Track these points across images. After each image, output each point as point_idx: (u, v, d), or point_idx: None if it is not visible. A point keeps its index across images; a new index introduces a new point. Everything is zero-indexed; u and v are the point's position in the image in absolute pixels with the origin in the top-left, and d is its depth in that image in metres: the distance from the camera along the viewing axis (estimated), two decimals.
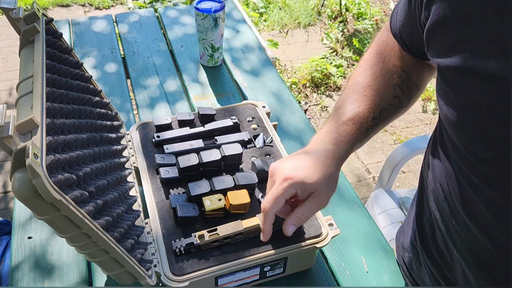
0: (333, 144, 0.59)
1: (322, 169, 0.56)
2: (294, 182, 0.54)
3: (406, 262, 0.76)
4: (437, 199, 0.58)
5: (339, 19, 3.11)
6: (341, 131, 0.60)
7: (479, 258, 0.52)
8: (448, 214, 0.55)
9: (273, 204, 0.55)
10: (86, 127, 0.67)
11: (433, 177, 0.59)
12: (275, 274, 0.72)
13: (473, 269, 0.54)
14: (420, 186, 0.69)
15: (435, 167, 0.58)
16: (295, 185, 0.54)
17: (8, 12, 0.58)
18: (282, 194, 0.55)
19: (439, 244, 0.62)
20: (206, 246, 0.66)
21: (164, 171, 0.75)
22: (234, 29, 1.41)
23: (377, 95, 0.63)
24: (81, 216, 0.48)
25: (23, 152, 0.42)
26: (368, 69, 0.65)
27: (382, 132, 2.25)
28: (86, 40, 1.32)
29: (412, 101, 0.66)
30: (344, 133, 0.60)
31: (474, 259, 0.53)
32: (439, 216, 0.59)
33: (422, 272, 0.71)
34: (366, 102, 0.62)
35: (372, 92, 0.63)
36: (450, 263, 0.60)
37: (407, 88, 0.64)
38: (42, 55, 0.56)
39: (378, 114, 0.63)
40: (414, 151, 1.29)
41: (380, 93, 0.63)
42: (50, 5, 3.18)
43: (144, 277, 0.60)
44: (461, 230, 0.53)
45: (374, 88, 0.63)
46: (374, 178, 2.01)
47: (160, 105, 1.11)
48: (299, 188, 0.55)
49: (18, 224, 0.82)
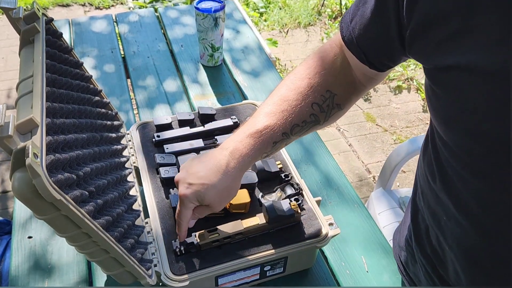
0: (236, 157, 0.61)
1: (218, 184, 0.60)
2: (190, 199, 0.61)
3: (403, 261, 0.76)
4: None
5: (339, 19, 3.11)
6: (246, 144, 0.61)
7: (468, 251, 0.54)
8: (440, 210, 0.56)
9: (183, 218, 0.63)
10: (86, 127, 0.67)
11: None
12: (275, 274, 0.72)
13: (463, 263, 0.55)
14: (414, 185, 0.70)
15: None
16: (191, 200, 0.61)
17: (8, 12, 0.58)
18: (185, 209, 0.62)
19: (432, 241, 0.62)
20: (206, 245, 0.66)
21: (164, 170, 0.75)
22: (234, 29, 1.41)
23: (293, 111, 0.62)
24: (81, 216, 0.48)
25: (23, 152, 0.42)
26: (293, 82, 0.65)
27: (382, 132, 2.25)
28: (86, 40, 1.32)
29: (331, 120, 0.66)
30: (249, 146, 0.61)
31: (464, 252, 0.54)
32: (432, 213, 0.59)
33: (417, 270, 0.71)
34: (279, 116, 0.62)
35: (288, 107, 0.62)
36: (442, 260, 0.61)
37: (327, 107, 0.64)
38: (42, 55, 0.56)
39: (289, 129, 0.63)
40: (414, 151, 1.29)
41: (296, 109, 0.62)
42: (50, 5, 3.18)
43: (144, 276, 0.60)
44: (451, 225, 0.54)
45: (291, 103, 0.63)
46: (374, 178, 2.01)
47: (160, 105, 1.11)
48: (196, 202, 0.62)
49: (18, 224, 0.82)
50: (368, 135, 2.24)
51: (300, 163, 0.97)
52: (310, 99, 0.63)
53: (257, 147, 0.61)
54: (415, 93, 2.51)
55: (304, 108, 0.63)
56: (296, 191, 0.73)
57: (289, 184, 0.75)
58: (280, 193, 0.74)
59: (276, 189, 0.75)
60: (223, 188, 0.61)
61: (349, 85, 0.64)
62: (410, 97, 2.48)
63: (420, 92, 2.49)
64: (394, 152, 1.34)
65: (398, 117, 2.34)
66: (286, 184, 0.75)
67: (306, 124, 0.64)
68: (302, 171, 0.95)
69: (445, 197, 0.53)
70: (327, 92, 0.63)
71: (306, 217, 0.71)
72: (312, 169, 0.96)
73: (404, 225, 0.76)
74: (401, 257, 0.77)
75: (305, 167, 0.96)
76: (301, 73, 0.65)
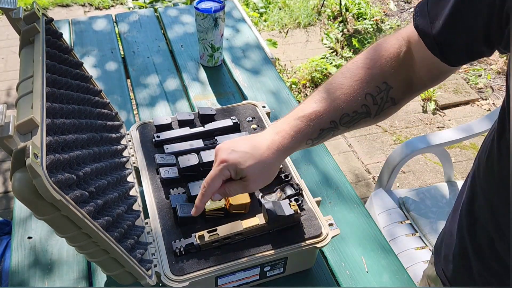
0: (280, 136, 0.61)
1: (259, 157, 0.59)
2: (228, 165, 0.59)
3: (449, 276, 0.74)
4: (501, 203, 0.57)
5: (339, 19, 3.11)
6: (292, 125, 0.61)
7: None
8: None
9: (211, 184, 0.60)
10: (86, 127, 0.67)
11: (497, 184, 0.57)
12: (275, 274, 0.72)
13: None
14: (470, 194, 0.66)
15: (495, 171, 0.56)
16: (228, 167, 0.59)
17: (8, 12, 0.58)
18: (218, 175, 0.59)
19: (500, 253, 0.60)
20: (206, 246, 0.66)
21: (164, 171, 0.75)
22: (234, 29, 1.41)
23: (345, 99, 0.61)
24: (81, 216, 0.48)
25: (23, 152, 0.42)
26: (349, 70, 0.63)
27: (382, 132, 2.25)
28: (86, 40, 1.32)
29: (383, 114, 0.64)
30: (295, 128, 0.61)
31: None
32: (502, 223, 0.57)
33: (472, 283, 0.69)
34: (329, 103, 0.61)
35: (340, 95, 0.62)
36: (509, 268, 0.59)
37: (381, 100, 0.62)
38: (42, 55, 0.56)
39: (338, 118, 0.62)
40: (414, 151, 1.29)
41: (349, 97, 0.61)
42: (50, 5, 3.18)
43: (144, 277, 0.60)
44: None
45: (344, 91, 0.62)
46: (374, 178, 2.01)
47: (160, 105, 1.11)
48: (232, 171, 0.59)
49: (18, 224, 0.82)
50: (368, 135, 2.24)
51: (300, 163, 0.97)
52: (364, 89, 0.61)
53: (304, 131, 0.61)
54: None
55: (357, 98, 0.61)
56: (296, 191, 0.73)
57: (289, 185, 0.75)
58: (280, 193, 0.74)
59: (276, 189, 0.75)
60: (266, 164, 0.59)
61: (407, 81, 0.63)
62: None
63: None
64: (394, 152, 1.34)
65: (398, 117, 2.34)
66: (286, 184, 0.75)
67: (356, 115, 0.62)
68: (302, 171, 0.95)
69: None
70: (383, 84, 0.62)
71: (306, 218, 0.71)
72: (312, 169, 0.96)
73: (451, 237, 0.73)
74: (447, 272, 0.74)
75: (305, 167, 0.96)
76: (360, 62, 0.63)
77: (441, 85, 2.57)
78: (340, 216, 0.86)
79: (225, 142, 0.62)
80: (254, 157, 0.59)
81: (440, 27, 0.54)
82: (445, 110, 2.43)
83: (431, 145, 1.30)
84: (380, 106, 0.63)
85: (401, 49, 0.61)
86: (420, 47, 0.58)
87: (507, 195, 0.57)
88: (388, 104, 0.63)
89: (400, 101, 0.64)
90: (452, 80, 2.62)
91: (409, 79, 0.63)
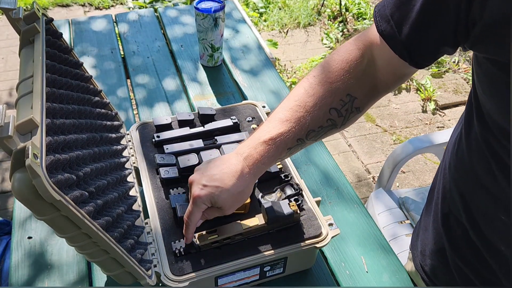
0: (248, 162, 0.62)
1: (230, 189, 0.61)
2: (203, 200, 0.61)
3: (428, 270, 0.75)
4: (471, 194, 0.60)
5: (339, 19, 3.11)
6: (259, 151, 0.62)
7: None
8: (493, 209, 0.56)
9: (191, 218, 0.63)
10: (86, 127, 0.67)
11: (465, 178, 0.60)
12: (275, 274, 0.72)
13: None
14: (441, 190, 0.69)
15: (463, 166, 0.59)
16: (204, 202, 0.61)
17: (8, 12, 0.58)
18: (196, 210, 0.62)
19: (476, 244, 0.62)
20: (206, 246, 0.66)
21: (164, 171, 0.75)
22: (234, 29, 1.41)
23: (309, 117, 0.61)
24: (81, 217, 0.48)
25: (23, 152, 0.42)
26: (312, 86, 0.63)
27: (382, 132, 2.25)
28: (86, 40, 1.32)
29: (348, 123, 0.65)
30: (262, 153, 0.61)
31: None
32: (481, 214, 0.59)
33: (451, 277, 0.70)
34: (294, 123, 0.61)
35: (305, 113, 0.61)
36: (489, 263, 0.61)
37: (345, 112, 0.62)
38: (42, 55, 0.56)
39: (304, 135, 0.62)
40: (414, 151, 1.29)
41: (313, 115, 0.61)
42: (50, 5, 3.18)
43: (144, 277, 0.60)
44: None
45: (308, 109, 0.61)
46: (374, 178, 2.01)
47: (160, 105, 1.11)
48: (208, 203, 0.62)
49: (18, 224, 0.82)
50: (368, 135, 2.24)
51: (300, 163, 0.97)
52: (328, 105, 0.62)
53: (271, 153, 0.61)
54: (414, 93, 2.51)
55: (321, 114, 0.62)
56: (296, 191, 0.73)
57: (289, 185, 0.75)
58: (280, 193, 0.74)
59: (276, 189, 0.75)
60: (237, 193, 0.61)
61: (371, 88, 0.63)
62: (409, 98, 2.48)
63: (419, 92, 2.49)
64: (394, 152, 1.34)
65: (398, 117, 2.34)
66: (286, 184, 0.75)
67: (322, 129, 0.63)
68: (302, 171, 0.95)
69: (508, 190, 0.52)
70: (347, 96, 0.62)
71: (305, 218, 0.71)
72: (312, 169, 0.96)
73: (426, 232, 0.75)
74: (425, 266, 0.75)
75: (305, 167, 0.96)
76: (322, 76, 0.63)
77: (441, 85, 2.57)
78: (340, 216, 0.86)
79: (196, 173, 0.64)
80: (226, 190, 0.61)
81: (408, 32, 0.54)
82: (445, 110, 2.43)
83: (431, 145, 1.30)
84: (345, 117, 0.63)
85: (364, 57, 0.61)
86: (384, 52, 0.58)
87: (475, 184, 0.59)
88: (354, 113, 0.64)
89: (364, 108, 0.64)
90: (452, 80, 2.62)
91: (373, 85, 0.63)
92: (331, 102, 0.61)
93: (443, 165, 0.70)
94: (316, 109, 0.61)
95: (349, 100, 0.62)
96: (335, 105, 0.62)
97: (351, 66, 0.61)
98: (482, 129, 0.55)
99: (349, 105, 0.62)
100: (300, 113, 0.61)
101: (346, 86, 0.61)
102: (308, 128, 0.62)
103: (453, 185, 0.65)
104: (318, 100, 0.61)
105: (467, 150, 0.60)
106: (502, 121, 0.51)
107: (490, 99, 0.52)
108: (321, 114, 0.61)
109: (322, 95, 0.61)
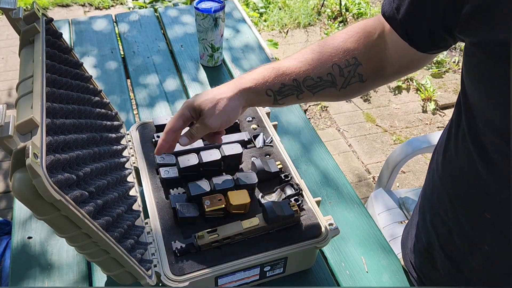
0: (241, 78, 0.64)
1: (214, 93, 0.63)
2: (187, 105, 0.63)
3: (416, 267, 0.76)
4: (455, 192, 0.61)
5: (339, 19, 3.11)
6: (256, 71, 0.65)
7: None
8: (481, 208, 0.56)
9: (172, 121, 0.64)
10: (86, 127, 0.67)
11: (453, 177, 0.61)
12: (275, 274, 0.72)
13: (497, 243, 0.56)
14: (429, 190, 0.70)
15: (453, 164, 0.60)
16: (187, 107, 0.63)
17: (8, 12, 0.58)
18: (179, 115, 0.64)
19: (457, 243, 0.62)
20: (206, 246, 0.66)
21: (164, 171, 0.75)
22: (234, 29, 1.41)
23: (312, 62, 0.64)
24: (81, 216, 0.48)
25: (23, 152, 0.42)
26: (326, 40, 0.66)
27: (382, 132, 2.25)
28: (86, 39, 1.32)
29: (349, 89, 0.65)
30: (257, 72, 0.64)
31: None
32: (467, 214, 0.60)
33: (435, 274, 0.71)
34: (296, 62, 0.64)
35: (309, 58, 0.64)
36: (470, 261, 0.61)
37: (348, 73, 0.64)
38: (42, 55, 0.56)
39: (302, 79, 0.64)
40: (414, 151, 1.29)
41: (317, 62, 0.64)
42: (50, 5, 3.18)
43: (144, 277, 0.60)
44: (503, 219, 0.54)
45: (313, 56, 0.64)
46: (374, 178, 2.01)
47: (160, 105, 1.11)
48: (191, 111, 0.63)
49: (18, 224, 0.82)
50: (368, 135, 2.24)
51: (300, 163, 0.97)
52: (333, 58, 0.64)
53: (265, 78, 0.63)
54: (414, 93, 2.51)
55: (323, 64, 0.63)
56: (296, 191, 0.73)
57: (289, 185, 0.75)
58: (280, 193, 0.74)
59: (276, 189, 0.75)
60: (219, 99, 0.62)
61: (378, 63, 0.64)
62: (409, 98, 2.48)
63: (419, 92, 2.49)
64: (394, 152, 1.34)
65: (398, 117, 2.34)
66: (286, 184, 0.75)
67: (321, 81, 0.64)
68: (302, 171, 0.95)
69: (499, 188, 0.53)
70: (353, 58, 0.64)
71: (306, 218, 0.71)
72: (312, 169, 0.96)
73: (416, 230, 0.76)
74: (414, 263, 0.76)
75: (305, 167, 0.96)
76: (337, 35, 0.66)
77: (441, 85, 2.57)
78: (340, 216, 0.86)
79: None
80: (209, 94, 0.63)
81: (404, 11, 0.57)
82: (445, 110, 2.43)
83: (431, 145, 1.30)
84: (346, 79, 0.64)
85: (376, 30, 0.63)
86: (392, 32, 0.60)
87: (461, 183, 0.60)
88: (355, 79, 0.64)
89: (368, 80, 0.65)
90: (452, 80, 2.63)
91: (380, 62, 0.64)
92: (337, 57, 0.63)
93: (432, 166, 0.71)
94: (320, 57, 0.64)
95: (354, 63, 0.64)
96: (338, 62, 0.63)
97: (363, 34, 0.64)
98: (470, 123, 0.56)
99: (353, 68, 0.64)
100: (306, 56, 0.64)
101: (355, 50, 0.64)
102: (307, 73, 0.63)
103: (440, 185, 0.66)
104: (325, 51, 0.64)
105: (454, 150, 0.61)
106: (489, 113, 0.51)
107: (478, 90, 0.52)
108: (323, 65, 0.63)
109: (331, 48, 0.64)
